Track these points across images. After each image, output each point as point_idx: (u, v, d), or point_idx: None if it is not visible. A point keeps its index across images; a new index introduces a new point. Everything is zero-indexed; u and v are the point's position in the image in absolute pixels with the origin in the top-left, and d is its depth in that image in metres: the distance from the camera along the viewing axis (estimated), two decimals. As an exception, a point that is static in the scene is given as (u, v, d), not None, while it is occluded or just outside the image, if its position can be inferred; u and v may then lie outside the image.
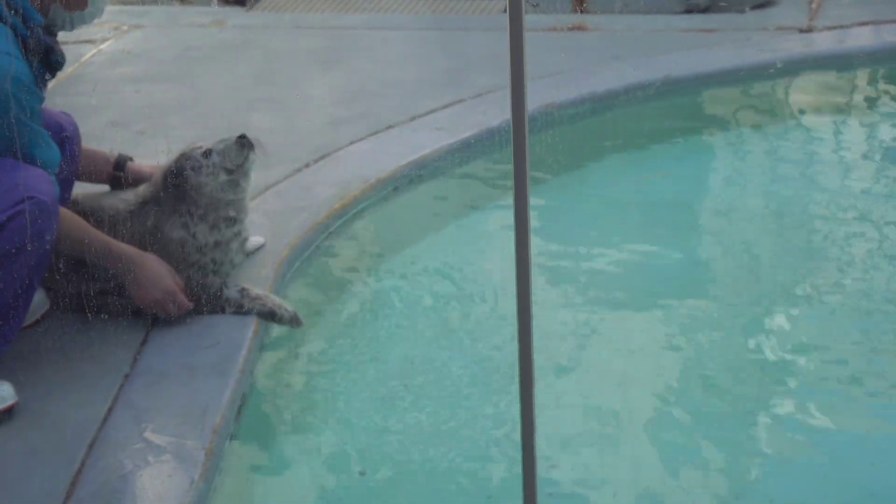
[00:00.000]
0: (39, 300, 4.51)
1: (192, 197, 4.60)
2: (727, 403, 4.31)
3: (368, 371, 4.54)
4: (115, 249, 4.41)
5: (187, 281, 4.56)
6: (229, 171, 4.63)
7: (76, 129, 4.66)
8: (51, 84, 4.38)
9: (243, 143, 4.64)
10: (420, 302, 5.03)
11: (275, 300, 4.62)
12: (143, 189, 4.73)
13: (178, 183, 4.59)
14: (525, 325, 2.68)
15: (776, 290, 5.07)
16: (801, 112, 7.16)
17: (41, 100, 4.13)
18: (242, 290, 4.60)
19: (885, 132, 6.86)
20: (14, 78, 3.91)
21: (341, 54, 8.09)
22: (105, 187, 5.03)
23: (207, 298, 4.57)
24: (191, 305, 4.53)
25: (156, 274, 4.45)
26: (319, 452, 4.10)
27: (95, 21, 4.45)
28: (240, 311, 4.57)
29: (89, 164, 4.87)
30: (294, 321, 4.61)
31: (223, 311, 4.57)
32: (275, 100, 7.16)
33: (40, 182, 3.97)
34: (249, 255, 4.98)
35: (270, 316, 4.58)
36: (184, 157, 4.63)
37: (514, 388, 2.70)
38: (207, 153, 4.61)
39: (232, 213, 4.68)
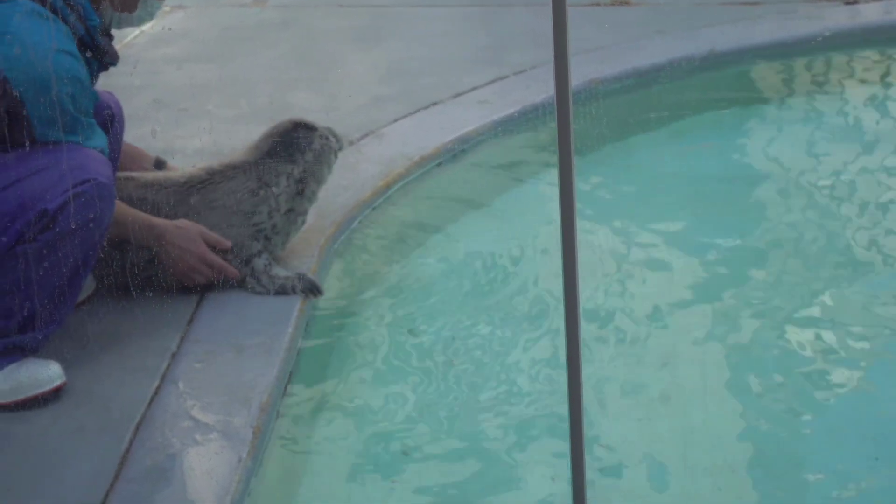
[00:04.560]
0: (86, 281, 4.54)
1: (305, 162, 4.78)
2: (782, 374, 4.28)
3: (413, 347, 4.53)
4: (145, 222, 4.45)
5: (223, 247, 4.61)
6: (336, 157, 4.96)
7: (120, 108, 4.70)
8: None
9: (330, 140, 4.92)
10: (464, 279, 5.01)
11: (290, 284, 4.60)
12: (228, 158, 4.81)
13: (298, 145, 4.76)
14: (571, 300, 2.67)
15: (827, 264, 5.03)
16: (847, 84, 7.08)
17: (95, 97, 4.18)
18: (267, 266, 4.62)
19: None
20: (73, 77, 3.96)
21: (383, 32, 8.07)
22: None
23: (240, 260, 4.60)
24: (225, 266, 4.56)
25: (188, 240, 4.48)
26: (365, 431, 4.10)
27: (146, 25, 4.49)
28: (256, 284, 4.60)
29: (131, 162, 4.92)
30: (312, 291, 4.62)
31: (250, 284, 4.61)
32: (317, 78, 7.16)
33: (100, 164, 4.00)
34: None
35: (283, 291, 4.59)
36: (318, 133, 4.85)
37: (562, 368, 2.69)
38: (334, 135, 4.93)
39: (317, 192, 4.89)
